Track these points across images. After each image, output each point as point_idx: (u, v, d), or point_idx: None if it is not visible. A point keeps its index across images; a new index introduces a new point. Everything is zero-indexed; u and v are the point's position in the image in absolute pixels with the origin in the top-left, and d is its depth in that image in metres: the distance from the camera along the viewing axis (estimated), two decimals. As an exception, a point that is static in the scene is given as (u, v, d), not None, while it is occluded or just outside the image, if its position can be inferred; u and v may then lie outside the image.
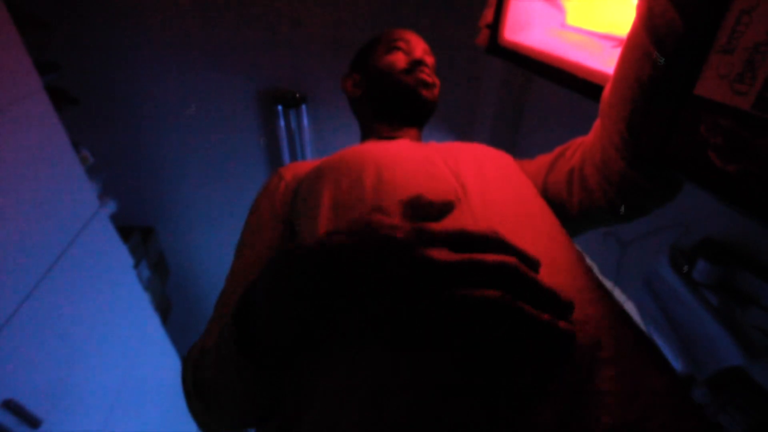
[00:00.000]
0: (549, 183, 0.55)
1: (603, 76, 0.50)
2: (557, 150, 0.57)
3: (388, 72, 0.64)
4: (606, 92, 0.43)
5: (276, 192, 0.55)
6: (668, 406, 0.28)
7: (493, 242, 0.28)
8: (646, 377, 0.29)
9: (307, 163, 0.59)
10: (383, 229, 0.28)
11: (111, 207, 1.42)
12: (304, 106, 1.52)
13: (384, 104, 0.66)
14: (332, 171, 0.48)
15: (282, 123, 1.54)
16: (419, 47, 0.68)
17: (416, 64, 0.64)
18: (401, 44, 0.67)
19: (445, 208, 0.35)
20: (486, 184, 0.45)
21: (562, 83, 0.57)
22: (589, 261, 1.15)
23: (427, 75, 0.64)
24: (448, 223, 0.34)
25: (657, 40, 0.33)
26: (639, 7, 0.36)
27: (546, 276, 0.31)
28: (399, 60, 0.65)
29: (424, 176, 0.45)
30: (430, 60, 0.68)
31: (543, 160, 0.58)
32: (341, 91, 0.73)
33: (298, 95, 1.50)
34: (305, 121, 1.56)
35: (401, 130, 0.66)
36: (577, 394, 0.27)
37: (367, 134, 0.70)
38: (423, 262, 0.25)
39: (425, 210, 0.33)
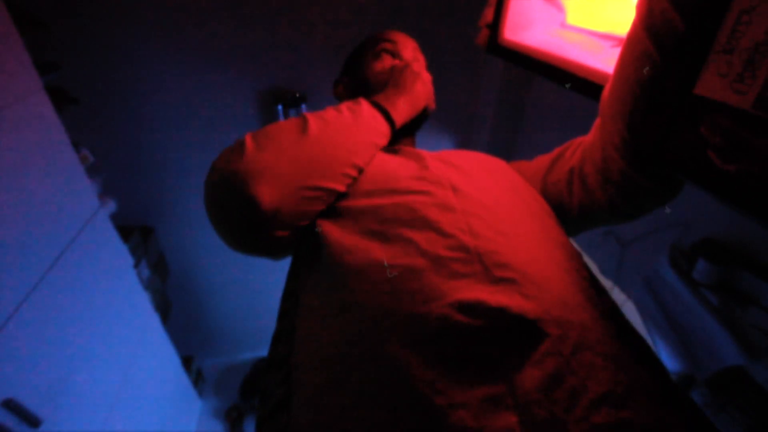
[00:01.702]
0: (548, 183, 0.55)
1: (603, 76, 0.50)
2: (556, 151, 0.57)
3: (375, 83, 0.63)
4: (606, 92, 0.43)
5: None
6: (651, 393, 0.29)
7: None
8: (631, 365, 0.30)
9: None
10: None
11: (111, 207, 1.41)
12: (304, 106, 1.52)
13: None
14: None
15: (282, 123, 1.53)
16: (408, 47, 0.66)
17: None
18: (388, 45, 0.66)
19: None
20: (478, 189, 0.45)
21: (562, 83, 0.57)
22: (589, 261, 1.15)
23: None
24: (444, 221, 0.39)
25: (657, 40, 0.33)
26: (639, 7, 0.36)
27: (538, 269, 0.35)
28: (386, 68, 0.64)
29: (418, 182, 0.45)
30: (418, 58, 0.67)
31: (542, 160, 0.58)
32: (334, 96, 0.72)
33: (298, 95, 1.50)
34: (305, 121, 1.55)
35: (396, 141, 0.64)
36: (567, 363, 0.28)
37: None
38: None
39: None
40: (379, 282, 0.35)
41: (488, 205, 0.42)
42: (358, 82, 0.66)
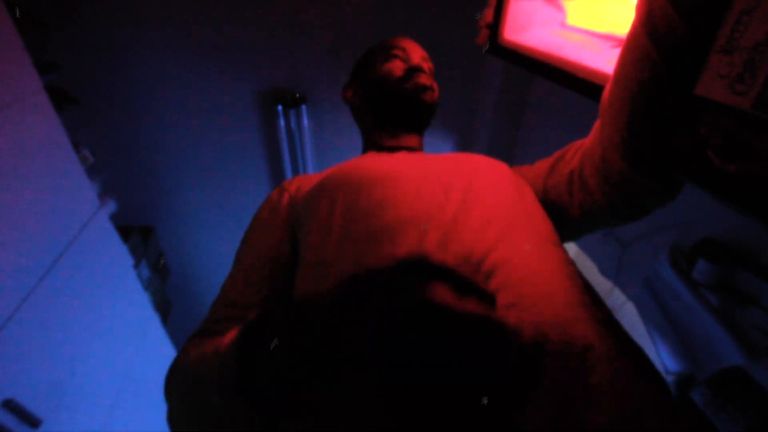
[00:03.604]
0: (549, 186, 0.55)
1: (603, 76, 0.50)
2: (557, 154, 0.57)
3: (386, 79, 0.64)
4: (606, 92, 0.43)
5: (279, 203, 0.57)
6: (660, 408, 0.28)
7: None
8: (637, 380, 0.30)
9: (312, 177, 0.60)
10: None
11: (111, 207, 1.41)
12: (304, 106, 1.52)
13: (384, 111, 0.66)
14: (329, 190, 0.51)
15: (282, 123, 1.54)
16: (417, 53, 0.68)
17: (414, 70, 0.64)
18: (398, 52, 0.67)
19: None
20: (478, 199, 0.45)
21: (562, 83, 0.57)
22: (589, 261, 1.15)
23: (425, 79, 0.64)
24: (439, 240, 0.38)
25: (657, 40, 0.33)
26: (639, 7, 0.36)
27: (535, 286, 0.35)
28: (396, 67, 0.65)
29: (413, 195, 0.46)
30: (428, 66, 0.68)
31: (542, 164, 0.59)
32: (342, 100, 0.74)
33: (298, 95, 1.50)
34: (305, 121, 1.56)
35: (402, 137, 0.66)
36: (568, 395, 0.27)
37: (368, 142, 0.70)
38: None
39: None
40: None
41: (486, 215, 0.43)
42: (369, 84, 0.67)
